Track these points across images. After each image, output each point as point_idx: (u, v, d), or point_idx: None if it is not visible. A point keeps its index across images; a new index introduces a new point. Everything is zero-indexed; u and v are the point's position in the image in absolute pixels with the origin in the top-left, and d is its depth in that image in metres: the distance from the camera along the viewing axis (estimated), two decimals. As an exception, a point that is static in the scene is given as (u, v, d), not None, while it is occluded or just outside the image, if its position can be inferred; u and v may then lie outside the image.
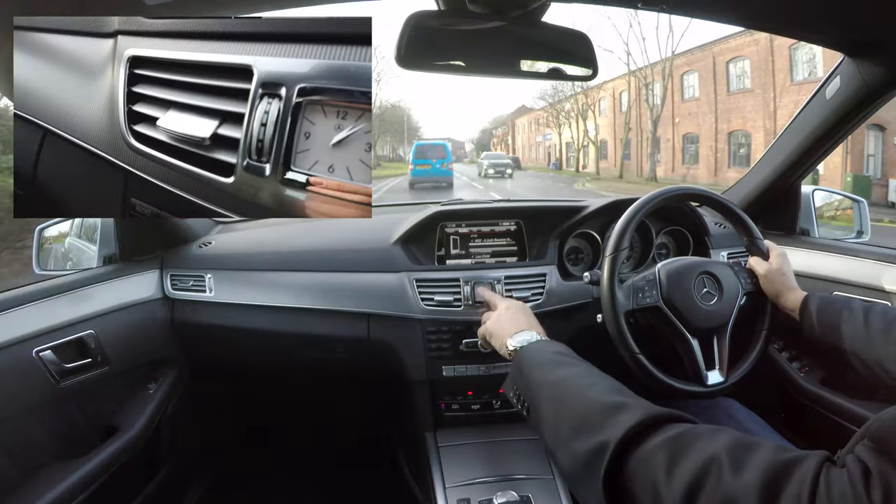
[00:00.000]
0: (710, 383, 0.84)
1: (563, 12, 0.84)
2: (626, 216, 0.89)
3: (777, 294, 0.86)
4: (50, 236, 1.11)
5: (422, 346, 1.06)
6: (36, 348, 0.88)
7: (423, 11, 0.69)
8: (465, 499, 0.93)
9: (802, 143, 1.09)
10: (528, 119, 39.73)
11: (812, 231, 1.20)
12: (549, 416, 0.56)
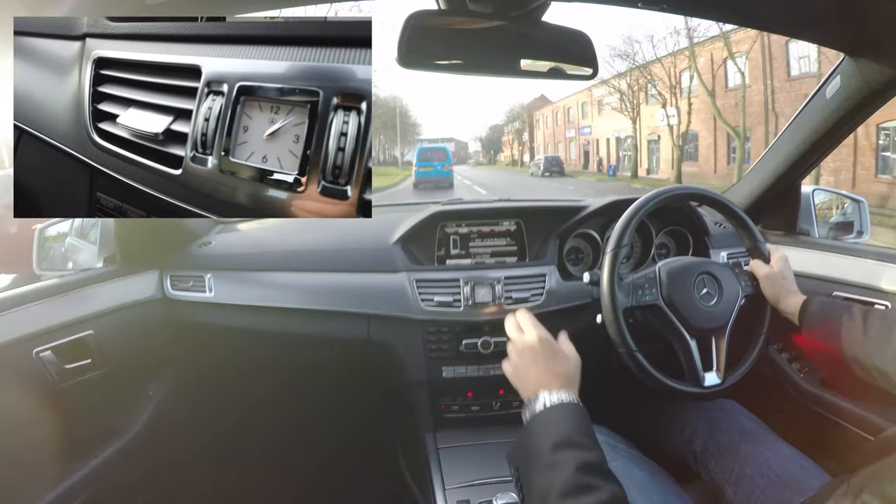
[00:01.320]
0: (707, 384, 0.84)
1: (564, 11, 0.84)
2: (627, 215, 0.89)
3: (777, 298, 0.86)
4: (50, 236, 1.11)
5: (422, 346, 1.06)
6: (36, 348, 0.88)
7: (423, 11, 0.69)
8: (464, 500, 0.93)
9: (802, 143, 1.09)
10: (551, 110, 32.07)
11: (812, 231, 1.20)
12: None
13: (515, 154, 42.33)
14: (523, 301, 1.05)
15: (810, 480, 0.76)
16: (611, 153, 22.29)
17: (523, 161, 37.55)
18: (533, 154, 34.99)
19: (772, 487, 0.78)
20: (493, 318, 1.05)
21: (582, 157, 25.58)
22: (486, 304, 1.04)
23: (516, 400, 1.13)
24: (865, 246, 1.08)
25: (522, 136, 38.79)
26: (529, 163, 26.97)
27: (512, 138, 43.63)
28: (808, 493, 0.75)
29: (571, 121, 27.68)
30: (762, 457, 0.82)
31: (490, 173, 29.94)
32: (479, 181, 19.74)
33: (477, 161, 54.59)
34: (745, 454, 0.83)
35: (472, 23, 0.73)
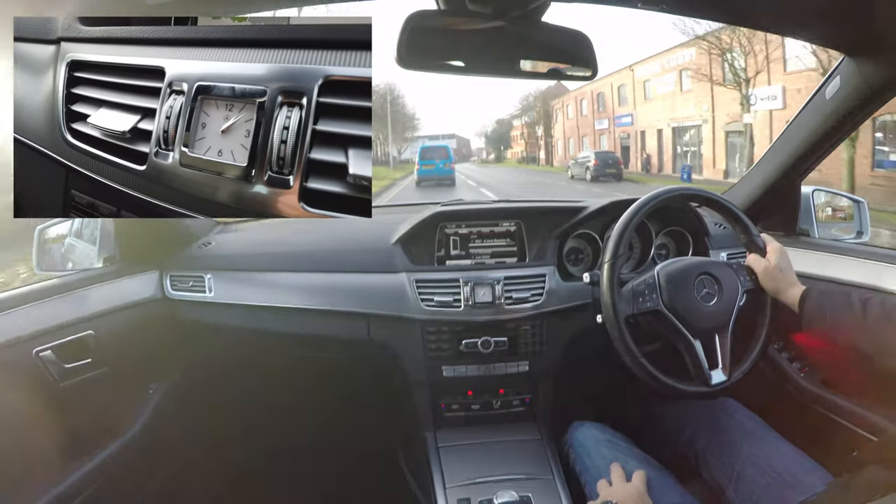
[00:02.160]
0: (714, 382, 0.84)
1: (564, 12, 0.84)
2: (625, 218, 0.89)
3: (777, 290, 0.86)
4: (50, 237, 1.11)
5: (422, 346, 1.06)
6: (36, 348, 0.88)
7: (422, 11, 0.69)
8: (465, 498, 0.93)
9: (802, 144, 1.09)
10: (574, 98, 25.74)
11: (812, 231, 1.20)
12: None
13: (525, 150, 38.35)
14: (523, 301, 1.05)
15: (811, 479, 0.77)
16: (664, 148, 16.64)
17: (537, 158, 33.77)
18: (549, 150, 30.91)
19: (772, 486, 0.78)
20: (493, 318, 1.05)
21: (618, 154, 18.38)
22: (487, 304, 1.04)
23: (516, 399, 1.14)
24: (865, 246, 1.08)
25: (536, 129, 33.60)
26: (568, 161, 19.33)
27: (521, 133, 38.99)
28: (809, 491, 0.75)
29: (604, 109, 21.88)
30: (763, 455, 0.82)
31: (498, 173, 26.54)
32: (486, 182, 17.35)
33: (482, 158, 51.14)
34: (745, 453, 0.84)
35: (471, 23, 0.73)
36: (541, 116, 31.84)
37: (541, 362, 1.09)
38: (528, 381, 1.12)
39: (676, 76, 15.51)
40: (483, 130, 51.54)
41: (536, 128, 33.38)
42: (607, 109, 21.55)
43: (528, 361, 1.08)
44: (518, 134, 40.85)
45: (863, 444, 0.87)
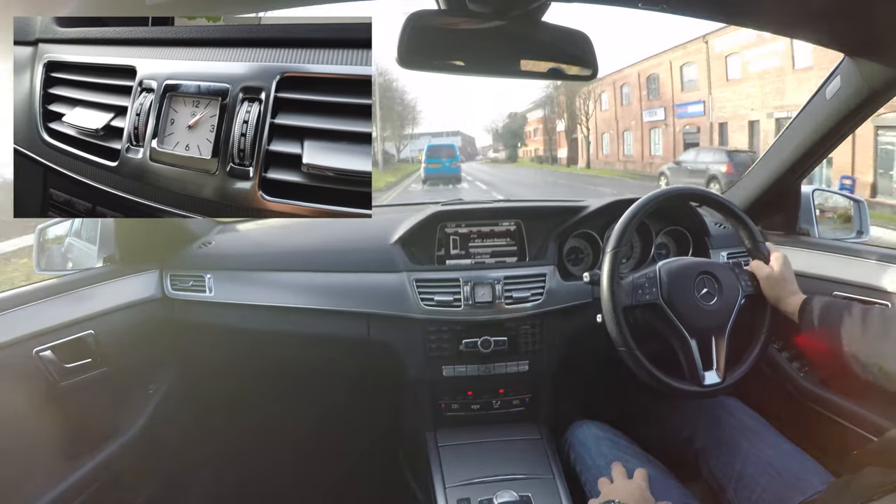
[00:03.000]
0: (707, 383, 0.84)
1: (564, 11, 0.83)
2: (628, 215, 0.89)
3: (778, 298, 0.86)
4: (50, 236, 1.11)
5: (422, 346, 1.06)
6: (36, 348, 0.88)
7: (423, 11, 0.69)
8: (465, 498, 0.93)
9: (802, 144, 1.09)
10: (610, 83, 19.88)
11: (812, 231, 1.20)
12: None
13: (540, 149, 33.96)
14: (523, 301, 1.05)
15: (811, 479, 0.77)
16: (760, 146, 11.74)
17: (556, 157, 29.47)
18: (575, 148, 25.13)
19: (773, 485, 0.78)
20: (493, 317, 1.05)
21: (676, 153, 13.87)
22: (486, 303, 1.04)
23: (516, 399, 1.14)
24: (865, 246, 1.08)
25: (556, 124, 28.77)
26: (663, 167, 12.88)
27: (538, 128, 33.93)
28: (809, 491, 0.75)
29: (657, 95, 16.81)
30: (763, 454, 0.82)
31: (516, 174, 22.42)
32: (502, 187, 14.50)
33: (490, 157, 46.15)
34: (746, 452, 0.84)
35: (472, 23, 0.73)
36: (564, 109, 26.28)
37: (541, 362, 1.09)
38: (528, 380, 1.12)
39: (786, 47, 11.24)
40: (492, 126, 45.58)
41: (558, 122, 28.52)
42: (663, 95, 16.46)
43: (528, 361, 1.08)
44: (533, 130, 36.55)
45: (863, 444, 0.87)
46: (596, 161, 22.24)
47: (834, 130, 1.02)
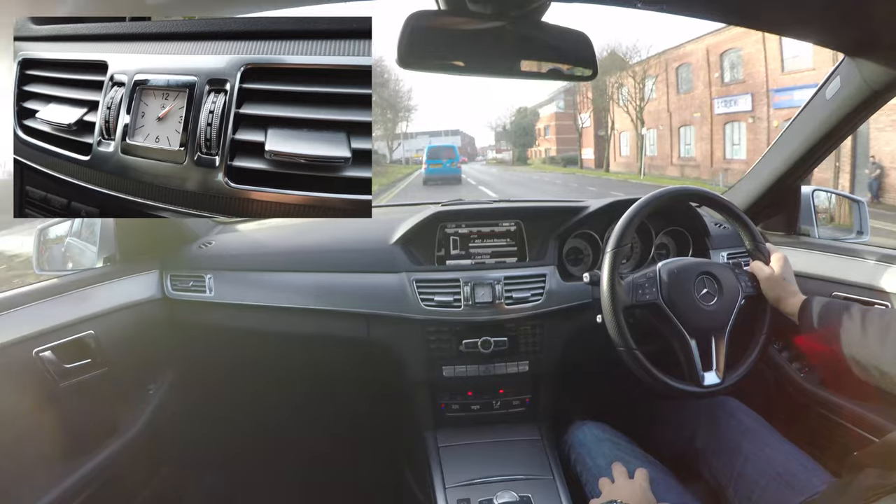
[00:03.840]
0: (707, 384, 0.84)
1: (564, 12, 0.84)
2: (628, 215, 0.89)
3: (778, 299, 0.86)
4: (50, 237, 1.11)
5: (422, 346, 1.06)
6: (36, 348, 0.88)
7: (423, 11, 0.69)
8: (465, 499, 0.93)
9: (802, 144, 1.09)
10: (664, 65, 15.96)
11: (812, 231, 1.20)
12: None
13: (552, 149, 31.07)
14: (523, 301, 1.05)
15: (811, 480, 0.77)
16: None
17: (578, 159, 26.22)
18: (603, 148, 20.52)
19: (773, 486, 0.78)
20: (494, 318, 1.05)
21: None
22: (487, 304, 1.04)
23: (516, 399, 1.14)
24: (865, 246, 1.08)
25: (578, 119, 24.33)
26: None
27: (550, 126, 30.31)
28: (809, 492, 0.75)
29: (738, 77, 12.90)
30: (763, 455, 0.82)
31: (531, 178, 19.51)
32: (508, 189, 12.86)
33: (495, 158, 42.59)
34: (746, 452, 0.84)
35: (471, 23, 0.73)
36: (588, 101, 21.31)
37: (541, 362, 1.09)
38: (529, 381, 1.12)
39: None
40: (498, 123, 40.66)
41: (580, 117, 23.72)
42: (750, 78, 12.33)
43: (528, 361, 1.08)
44: (544, 127, 32.73)
45: (863, 444, 0.87)
46: (632, 160, 17.26)
47: (834, 130, 1.02)
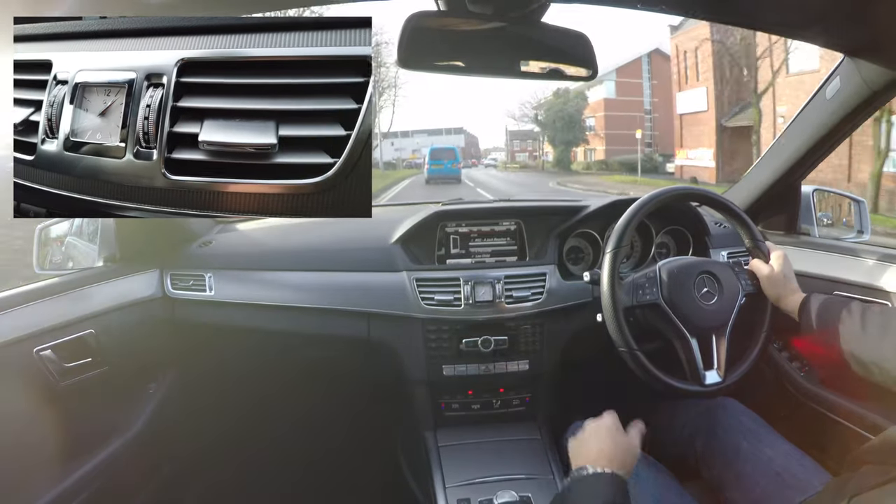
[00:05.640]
0: (708, 383, 0.84)
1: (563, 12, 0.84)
2: (628, 214, 0.89)
3: (778, 297, 0.86)
4: (50, 236, 1.11)
5: (422, 345, 1.06)
6: (36, 348, 0.88)
7: (422, 12, 0.69)
8: (465, 499, 0.94)
9: (803, 144, 1.09)
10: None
11: (812, 231, 1.20)
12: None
13: (599, 150, 23.23)
14: (523, 300, 1.06)
15: (811, 479, 0.77)
16: None
17: (656, 165, 18.77)
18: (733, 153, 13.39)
19: (772, 486, 0.78)
20: (494, 316, 1.05)
21: None
22: (487, 303, 1.04)
23: (516, 398, 1.14)
24: (865, 246, 1.08)
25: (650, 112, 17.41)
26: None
27: (591, 118, 22.38)
28: (809, 491, 0.75)
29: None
30: (763, 455, 0.82)
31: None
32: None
33: (514, 161, 32.89)
34: (745, 452, 0.84)
35: (471, 24, 0.73)
36: (701, 65, 14.08)
37: (541, 361, 1.09)
38: (529, 380, 1.12)
39: None
40: (524, 112, 27.51)
41: (678, 96, 15.75)
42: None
43: (529, 360, 1.08)
44: (605, 117, 22.61)
45: (863, 443, 0.88)
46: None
47: (834, 130, 1.03)
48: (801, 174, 1.18)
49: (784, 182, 1.19)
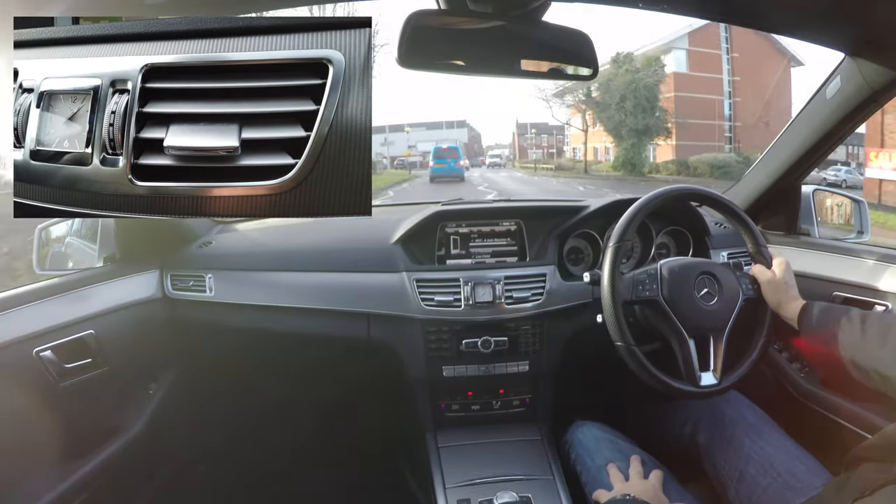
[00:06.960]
0: (703, 384, 0.84)
1: (564, 11, 0.83)
2: (629, 213, 0.89)
3: (779, 303, 0.85)
4: (50, 236, 1.11)
5: (422, 346, 1.06)
6: (36, 348, 0.88)
7: (423, 11, 0.69)
8: (465, 499, 0.93)
9: (803, 144, 1.09)
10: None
11: (812, 231, 1.20)
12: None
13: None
14: (524, 301, 1.05)
15: (812, 480, 0.77)
16: None
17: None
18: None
19: (774, 486, 0.78)
20: (494, 317, 1.05)
21: None
22: (487, 303, 1.04)
23: (516, 399, 1.14)
24: (865, 246, 1.08)
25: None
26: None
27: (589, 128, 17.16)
28: (810, 492, 0.75)
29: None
30: (765, 454, 0.82)
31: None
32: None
33: (522, 157, 26.81)
34: (748, 450, 0.84)
35: (472, 23, 0.73)
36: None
37: (541, 362, 1.09)
38: (529, 380, 1.12)
39: None
40: (558, 88, 18.97)
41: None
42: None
43: (529, 361, 1.08)
44: (675, 98, 15.46)
45: (862, 443, 0.88)
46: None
47: (834, 130, 1.03)
48: (801, 174, 1.18)
49: (784, 182, 1.19)
